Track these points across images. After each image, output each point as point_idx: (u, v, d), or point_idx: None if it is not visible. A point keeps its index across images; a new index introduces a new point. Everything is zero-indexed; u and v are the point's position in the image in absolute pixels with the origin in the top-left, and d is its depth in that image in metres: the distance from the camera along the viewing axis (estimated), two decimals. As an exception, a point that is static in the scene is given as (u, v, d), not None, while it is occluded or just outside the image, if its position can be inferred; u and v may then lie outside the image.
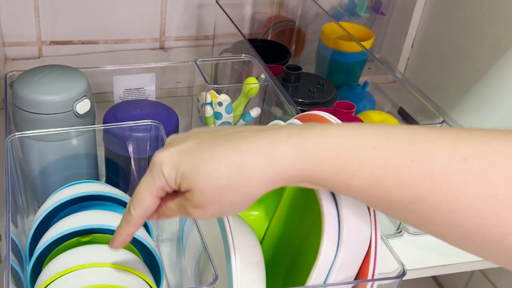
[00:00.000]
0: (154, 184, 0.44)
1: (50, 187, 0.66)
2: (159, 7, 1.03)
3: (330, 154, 0.39)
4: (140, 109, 0.74)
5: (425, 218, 0.38)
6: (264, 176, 0.40)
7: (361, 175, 0.38)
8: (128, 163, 0.70)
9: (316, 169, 0.39)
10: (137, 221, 0.47)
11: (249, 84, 0.71)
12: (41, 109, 0.64)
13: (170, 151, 0.43)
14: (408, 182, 0.37)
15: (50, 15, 0.98)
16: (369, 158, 0.38)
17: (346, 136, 0.39)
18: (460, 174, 0.36)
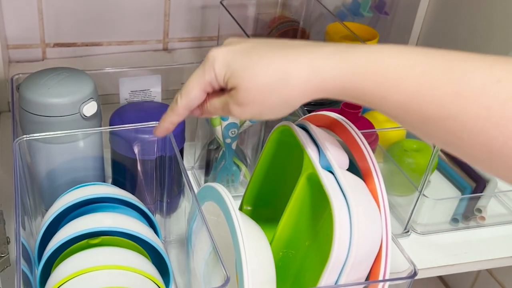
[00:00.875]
0: (203, 77, 0.48)
1: (58, 190, 0.66)
2: (163, 8, 1.02)
3: (371, 70, 0.42)
4: (146, 110, 0.73)
5: (453, 136, 0.40)
6: (307, 84, 0.43)
7: (397, 91, 0.41)
8: (135, 164, 0.70)
9: (357, 83, 0.42)
10: (181, 111, 0.51)
11: None
12: (48, 112, 0.64)
13: (225, 49, 0.47)
14: (442, 99, 0.40)
15: (54, 17, 0.97)
16: (407, 75, 0.41)
17: (389, 54, 0.42)
18: (492, 95, 0.38)
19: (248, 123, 0.75)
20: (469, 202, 0.81)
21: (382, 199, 0.51)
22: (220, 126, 0.74)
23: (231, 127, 0.74)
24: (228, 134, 0.74)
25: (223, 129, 0.74)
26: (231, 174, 0.79)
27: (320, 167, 0.52)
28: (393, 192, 0.80)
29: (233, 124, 0.74)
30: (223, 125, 0.74)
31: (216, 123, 0.74)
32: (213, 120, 0.74)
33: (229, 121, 0.73)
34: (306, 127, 0.57)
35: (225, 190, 0.56)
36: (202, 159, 0.83)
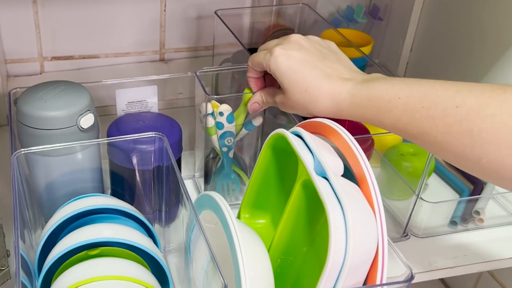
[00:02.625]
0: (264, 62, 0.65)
1: (57, 202, 0.66)
2: (158, 20, 1.03)
3: (372, 103, 0.57)
4: (143, 121, 0.74)
5: (430, 145, 0.55)
6: (328, 110, 0.61)
7: (389, 116, 0.56)
8: (133, 175, 0.70)
9: (362, 111, 0.59)
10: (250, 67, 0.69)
11: (248, 93, 0.71)
12: (46, 125, 0.64)
13: (286, 54, 0.63)
14: (418, 121, 0.54)
15: (51, 31, 0.98)
16: (395, 105, 0.56)
17: (384, 90, 0.57)
18: (452, 117, 0.52)
19: (244, 131, 0.76)
20: (467, 204, 0.81)
21: (377, 204, 0.52)
22: (216, 135, 0.74)
23: (226, 135, 0.74)
24: (224, 143, 0.75)
25: (219, 138, 0.74)
26: (231, 182, 0.80)
27: (314, 173, 0.52)
28: (391, 196, 0.80)
29: (228, 132, 0.74)
30: (219, 134, 0.74)
31: (212, 132, 0.74)
32: (209, 129, 0.74)
33: (224, 130, 0.74)
34: (300, 134, 0.58)
35: (222, 198, 0.57)
36: (202, 168, 0.83)
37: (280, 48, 0.63)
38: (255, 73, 0.69)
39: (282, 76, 0.63)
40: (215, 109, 0.73)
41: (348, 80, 0.61)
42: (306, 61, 0.62)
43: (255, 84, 0.70)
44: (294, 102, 0.63)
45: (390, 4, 1.07)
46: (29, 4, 0.95)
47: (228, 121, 0.73)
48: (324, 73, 0.61)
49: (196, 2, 1.03)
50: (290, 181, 0.58)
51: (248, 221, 0.65)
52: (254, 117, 0.75)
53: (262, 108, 0.71)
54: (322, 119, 0.60)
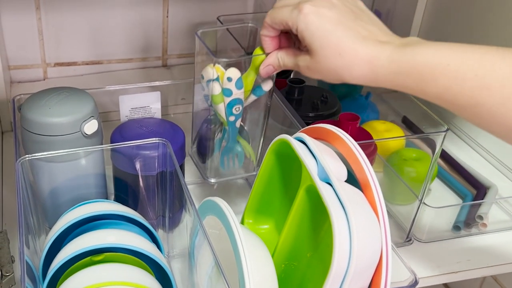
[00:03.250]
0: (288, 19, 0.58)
1: (61, 208, 0.67)
2: (161, 26, 1.04)
3: (415, 70, 0.52)
4: (146, 127, 0.74)
5: (481, 118, 0.51)
6: (363, 77, 0.55)
7: (435, 85, 0.51)
8: (137, 180, 0.71)
9: (403, 79, 0.53)
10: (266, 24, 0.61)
11: (260, 55, 0.63)
12: (50, 131, 0.64)
13: (317, 12, 0.56)
14: (470, 91, 0.50)
15: (54, 37, 0.99)
16: (444, 72, 0.50)
17: (430, 55, 0.51)
18: (510, 87, 0.48)
19: (252, 97, 0.68)
20: (470, 209, 0.81)
21: (380, 209, 0.52)
22: (223, 103, 0.67)
23: (234, 103, 0.67)
24: (231, 111, 0.67)
25: (226, 106, 0.67)
26: (235, 154, 0.73)
27: (318, 179, 0.52)
28: (394, 201, 0.80)
29: (237, 100, 0.66)
30: (226, 101, 0.66)
31: (217, 100, 0.67)
32: (215, 97, 0.66)
33: (232, 97, 0.66)
34: (303, 139, 0.58)
35: (225, 204, 0.57)
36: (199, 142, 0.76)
37: (310, 5, 0.56)
38: (272, 31, 0.61)
39: (312, 38, 0.56)
40: (221, 75, 0.65)
41: (386, 44, 0.54)
42: (339, 21, 0.56)
43: (270, 44, 0.62)
44: (324, 67, 0.56)
45: (392, 9, 1.07)
46: (32, 11, 0.95)
47: (237, 87, 0.65)
48: (360, 35, 0.55)
49: (199, 8, 1.04)
50: (294, 186, 0.58)
51: (252, 227, 0.65)
52: (263, 81, 0.68)
53: (277, 71, 0.64)
54: (325, 125, 0.60)
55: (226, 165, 0.73)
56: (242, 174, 0.76)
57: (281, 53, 0.62)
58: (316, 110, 0.83)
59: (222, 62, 0.64)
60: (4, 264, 0.61)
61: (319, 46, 0.56)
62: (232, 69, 0.64)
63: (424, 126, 0.78)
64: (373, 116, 0.90)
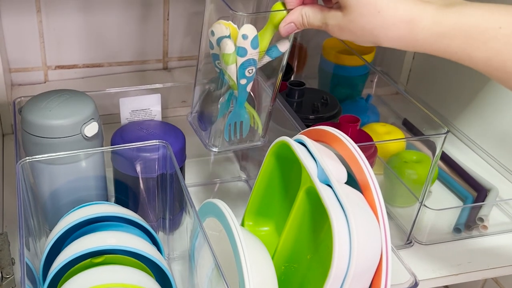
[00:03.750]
0: None
1: (61, 210, 0.67)
2: (161, 29, 1.04)
3: (461, 33, 0.48)
4: (147, 129, 0.74)
5: None
6: (401, 38, 0.50)
7: (484, 49, 0.47)
8: (137, 182, 0.71)
9: (446, 43, 0.48)
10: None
11: (281, 10, 0.57)
12: (50, 133, 0.65)
13: None
14: None
15: (55, 40, 0.99)
16: (494, 35, 0.47)
17: (479, 16, 0.47)
18: None
19: (266, 58, 0.62)
20: (471, 211, 0.81)
21: (380, 211, 0.52)
22: (235, 64, 0.60)
23: (248, 64, 0.60)
24: (244, 73, 0.61)
25: (238, 68, 0.60)
26: (240, 122, 0.67)
27: (318, 181, 0.52)
28: (395, 204, 0.80)
29: (251, 60, 0.60)
30: (239, 62, 0.59)
31: (229, 61, 0.59)
32: (227, 56, 0.59)
33: (247, 57, 0.59)
34: (303, 142, 0.58)
35: (225, 205, 0.57)
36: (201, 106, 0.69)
37: None
38: None
39: None
40: (233, 32, 0.59)
41: (428, 3, 0.50)
42: None
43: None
44: (358, 26, 0.51)
45: None
46: (33, 14, 0.95)
47: (253, 46, 0.58)
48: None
49: (199, 11, 1.03)
50: (294, 188, 0.58)
51: (252, 229, 0.65)
52: (279, 41, 0.61)
53: (299, 29, 0.58)
54: (325, 127, 0.60)
55: (230, 133, 0.67)
56: (247, 144, 0.69)
57: (307, 9, 0.55)
58: (317, 113, 0.83)
59: (240, 17, 0.56)
60: (5, 266, 0.61)
61: (355, 2, 0.51)
62: (248, 25, 0.57)
63: (425, 128, 0.78)
64: (374, 119, 0.90)
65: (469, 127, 0.98)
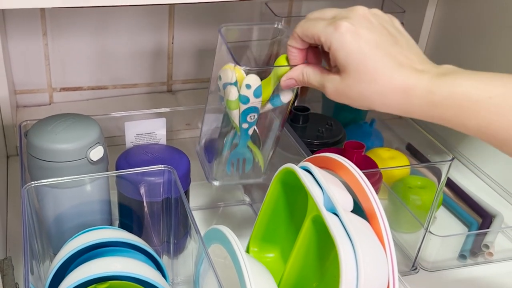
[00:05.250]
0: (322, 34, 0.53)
1: (66, 234, 0.66)
2: (166, 52, 1.04)
3: (454, 102, 0.49)
4: (151, 153, 0.74)
5: None
6: (396, 106, 0.52)
7: (476, 118, 0.48)
8: (141, 206, 0.70)
9: (440, 111, 0.50)
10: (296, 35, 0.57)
11: (284, 66, 0.59)
12: (56, 157, 0.65)
13: (355, 31, 0.52)
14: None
15: (60, 62, 0.99)
16: (485, 105, 0.48)
17: (470, 86, 0.49)
18: None
19: (269, 106, 0.64)
20: (476, 238, 0.80)
21: (387, 240, 0.52)
22: (238, 109, 0.63)
23: (250, 111, 0.63)
24: (246, 119, 0.64)
25: (241, 113, 0.63)
26: (243, 159, 0.69)
27: (324, 209, 0.52)
28: (400, 229, 0.80)
29: (253, 108, 0.62)
30: (242, 108, 0.63)
31: (232, 106, 0.63)
32: (230, 102, 0.63)
33: (249, 105, 0.62)
34: (309, 169, 0.58)
35: (231, 232, 0.56)
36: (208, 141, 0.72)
37: (348, 23, 0.52)
38: (301, 43, 0.57)
39: (347, 59, 0.52)
40: (240, 80, 0.61)
41: (423, 72, 0.51)
42: (378, 45, 0.52)
43: (296, 56, 0.58)
44: (355, 92, 0.53)
45: None
46: (39, 37, 0.96)
47: (255, 95, 0.61)
48: (397, 61, 0.52)
49: (203, 35, 1.05)
50: (300, 215, 0.58)
51: (257, 255, 0.65)
52: (283, 92, 0.63)
53: (298, 86, 0.60)
54: (330, 154, 0.60)
55: (233, 169, 0.69)
56: (248, 180, 0.71)
57: (308, 69, 0.58)
58: (321, 138, 0.83)
59: (247, 70, 0.60)
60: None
61: (353, 69, 0.52)
62: (253, 75, 0.60)
63: (429, 154, 0.78)
64: (378, 143, 0.90)
65: (473, 152, 0.98)
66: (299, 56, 0.58)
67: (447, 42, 1.00)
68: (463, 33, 0.96)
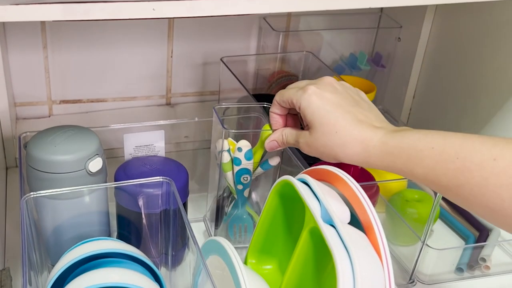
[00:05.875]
0: (293, 97, 0.63)
1: (64, 245, 0.66)
2: (165, 65, 1.05)
3: (403, 152, 0.56)
4: (150, 165, 0.74)
5: (463, 199, 0.53)
6: (356, 156, 0.59)
7: (421, 166, 0.54)
8: (140, 218, 0.70)
9: (392, 160, 0.56)
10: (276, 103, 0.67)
11: (267, 130, 0.68)
12: (55, 169, 0.65)
13: (320, 94, 0.61)
14: (453, 172, 0.52)
15: (60, 75, 0.99)
16: (428, 154, 0.54)
17: (416, 139, 0.55)
18: (489, 169, 0.50)
19: (259, 170, 0.73)
20: (473, 251, 0.80)
21: (384, 252, 0.52)
22: (232, 171, 0.72)
23: (243, 173, 0.72)
24: (240, 180, 0.73)
25: (235, 175, 0.72)
26: (244, 223, 0.77)
27: (321, 221, 0.53)
28: (397, 243, 0.80)
29: (245, 170, 0.71)
30: (235, 170, 0.71)
31: (227, 168, 0.72)
32: (224, 165, 0.72)
33: (241, 166, 0.71)
34: (306, 181, 0.58)
35: (229, 244, 0.56)
36: (213, 210, 0.80)
37: (314, 86, 0.62)
38: (280, 109, 0.67)
39: (313, 115, 0.61)
40: (232, 146, 0.72)
41: (379, 128, 0.59)
42: (339, 104, 0.61)
43: (277, 121, 0.67)
44: (321, 144, 0.61)
45: (393, 51, 1.08)
46: (39, 50, 0.96)
47: (247, 157, 0.71)
48: (356, 118, 0.60)
49: (202, 49, 1.05)
50: (297, 227, 0.58)
51: (255, 267, 0.65)
52: (271, 157, 0.73)
53: (280, 148, 0.68)
54: (328, 166, 0.60)
55: (236, 233, 0.77)
56: None
57: (286, 130, 0.67)
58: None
59: (231, 134, 0.71)
60: (6, 302, 0.61)
61: (318, 123, 0.60)
62: (243, 141, 0.70)
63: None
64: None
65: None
66: (279, 121, 0.67)
67: (444, 56, 1.01)
68: (460, 47, 0.97)
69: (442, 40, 1.01)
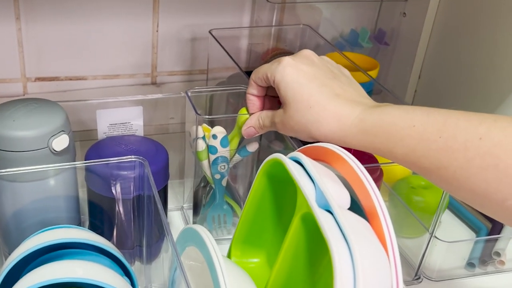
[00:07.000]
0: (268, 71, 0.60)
1: (25, 232, 0.61)
2: (150, 41, 1.00)
3: (382, 130, 0.53)
4: (125, 145, 0.69)
5: (446, 182, 0.50)
6: (331, 134, 0.56)
7: (401, 145, 0.52)
8: (112, 204, 0.65)
9: (371, 139, 0.54)
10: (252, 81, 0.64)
11: (244, 114, 0.65)
12: (13, 146, 0.59)
13: (295, 66, 0.58)
14: (435, 153, 0.50)
15: (35, 50, 0.95)
16: (409, 133, 0.51)
17: (397, 116, 0.53)
18: (474, 150, 0.47)
19: (237, 157, 0.70)
20: (486, 244, 0.77)
21: (390, 243, 0.46)
22: (208, 160, 0.69)
23: (220, 161, 0.69)
24: (217, 169, 0.69)
25: (211, 164, 0.69)
26: (223, 214, 0.74)
27: (316, 206, 0.46)
28: (401, 234, 0.76)
29: (222, 158, 0.68)
30: (211, 159, 0.68)
31: (202, 157, 0.69)
32: (199, 153, 0.68)
33: (217, 155, 0.68)
34: (300, 160, 0.52)
35: (207, 232, 0.51)
36: (191, 199, 0.77)
37: (290, 58, 0.59)
38: (257, 89, 0.63)
39: (286, 89, 0.58)
40: (207, 133, 0.68)
41: (358, 104, 0.56)
42: (315, 77, 0.58)
43: (253, 104, 0.64)
44: (295, 121, 0.58)
45: (397, 28, 1.05)
46: (12, 21, 0.91)
47: (222, 145, 0.68)
48: (333, 92, 0.57)
49: (191, 23, 1.01)
50: (289, 214, 0.52)
51: (240, 260, 0.60)
52: (249, 143, 0.70)
53: (258, 133, 0.65)
54: (326, 144, 0.54)
55: (215, 224, 0.75)
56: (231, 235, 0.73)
57: (262, 113, 0.64)
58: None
59: (205, 119, 0.68)
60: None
61: (292, 97, 0.58)
62: (218, 127, 0.67)
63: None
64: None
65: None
66: (256, 104, 0.64)
67: (453, 33, 0.97)
68: (471, 23, 0.93)
69: (451, 15, 0.97)
